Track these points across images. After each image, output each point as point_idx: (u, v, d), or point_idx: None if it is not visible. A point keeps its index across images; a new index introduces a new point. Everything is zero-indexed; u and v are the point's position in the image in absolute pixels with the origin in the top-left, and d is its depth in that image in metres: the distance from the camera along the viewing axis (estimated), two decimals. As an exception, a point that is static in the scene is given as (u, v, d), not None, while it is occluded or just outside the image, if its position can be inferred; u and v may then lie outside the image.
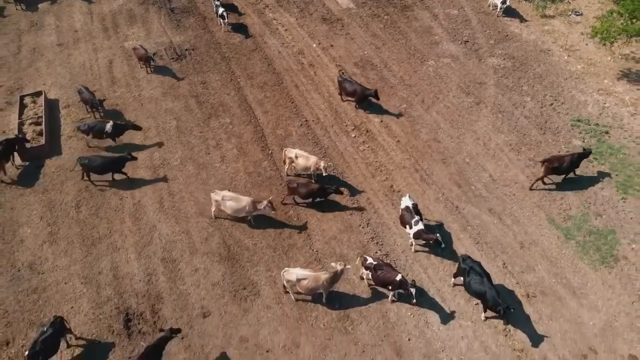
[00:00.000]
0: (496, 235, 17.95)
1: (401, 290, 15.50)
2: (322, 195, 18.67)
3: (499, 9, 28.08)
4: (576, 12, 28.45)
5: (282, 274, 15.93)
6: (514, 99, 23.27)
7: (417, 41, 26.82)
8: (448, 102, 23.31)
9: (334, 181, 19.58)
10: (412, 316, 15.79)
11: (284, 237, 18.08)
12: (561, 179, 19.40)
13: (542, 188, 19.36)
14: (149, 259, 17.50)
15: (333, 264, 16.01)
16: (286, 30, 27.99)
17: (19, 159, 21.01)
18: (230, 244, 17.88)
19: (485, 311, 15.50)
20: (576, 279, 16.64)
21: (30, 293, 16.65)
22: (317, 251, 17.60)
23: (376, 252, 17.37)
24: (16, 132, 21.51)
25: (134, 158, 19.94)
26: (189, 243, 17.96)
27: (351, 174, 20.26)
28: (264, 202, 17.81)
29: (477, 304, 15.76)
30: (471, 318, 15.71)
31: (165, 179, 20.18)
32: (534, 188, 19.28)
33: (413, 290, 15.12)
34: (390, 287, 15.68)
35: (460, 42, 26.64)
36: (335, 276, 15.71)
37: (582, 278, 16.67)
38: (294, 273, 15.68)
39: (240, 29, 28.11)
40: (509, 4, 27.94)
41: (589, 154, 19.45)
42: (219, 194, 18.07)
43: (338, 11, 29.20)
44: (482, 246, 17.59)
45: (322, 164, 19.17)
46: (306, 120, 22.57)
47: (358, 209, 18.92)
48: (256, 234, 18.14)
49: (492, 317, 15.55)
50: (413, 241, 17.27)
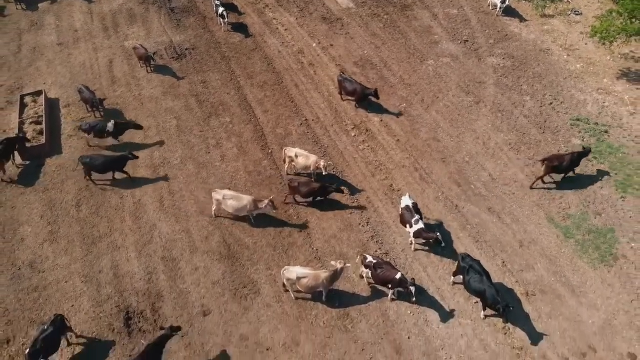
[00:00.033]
0: (496, 234, 17.99)
1: (401, 288, 15.54)
2: (323, 194, 18.71)
3: (498, 9, 28.10)
4: (576, 11, 28.48)
5: (282, 272, 15.97)
6: (513, 98, 23.31)
7: (417, 41, 26.86)
8: (448, 101, 23.35)
9: (334, 180, 19.61)
10: (411, 314, 15.84)
11: (284, 235, 18.12)
12: (561, 178, 19.46)
13: (542, 187, 19.40)
14: (149, 258, 17.54)
15: (333, 262, 16.04)
16: (286, 29, 28.03)
17: (20, 158, 21.06)
18: (230, 243, 17.92)
19: (484, 309, 15.54)
20: (575, 278, 16.69)
21: (31, 292, 16.70)
22: (317, 250, 17.64)
23: (376, 251, 17.41)
24: (17, 132, 21.56)
25: (135, 157, 19.98)
26: (190, 242, 18.00)
27: (351, 173, 20.30)
28: (265, 201, 17.84)
29: (477, 302, 15.80)
30: (471, 316, 15.75)
31: (165, 178, 20.22)
32: (535, 187, 19.32)
33: (413, 289, 15.15)
34: (390, 286, 15.71)
35: (460, 42, 26.68)
36: (335, 275, 15.75)
37: (581, 277, 16.71)
38: (294, 271, 15.71)
39: (240, 28, 28.15)
40: (508, 3, 27.95)
41: (588, 152, 19.51)
42: (220, 193, 18.10)
43: (338, 11, 29.24)
44: (481, 245, 17.64)
45: (322, 163, 19.21)
46: (306, 120, 22.61)
47: (358, 207, 18.96)
48: (256, 233, 18.18)
49: (492, 316, 15.60)
50: (413, 240, 17.32)
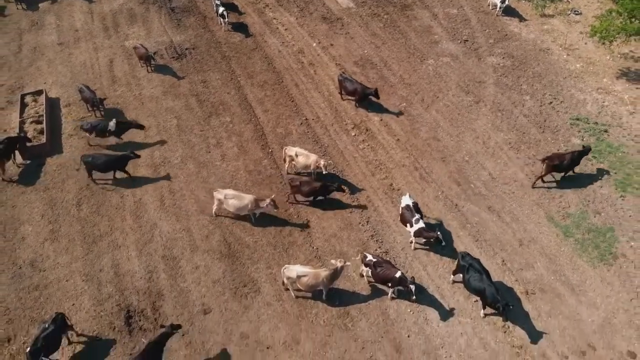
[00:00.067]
0: (495, 233, 18.02)
1: (401, 287, 15.58)
2: (324, 193, 18.74)
3: (498, 9, 28.13)
4: (575, 11, 28.52)
5: (282, 271, 16.01)
6: (513, 97, 23.34)
7: (416, 40, 26.90)
8: (447, 100, 23.39)
9: (334, 179, 19.65)
10: (411, 313, 15.87)
11: (284, 234, 18.16)
12: (560, 177, 19.49)
13: (541, 186, 19.42)
14: (149, 257, 17.58)
15: (333, 261, 16.08)
16: (286, 29, 28.06)
17: (20, 158, 21.09)
18: (230, 242, 17.95)
19: (484, 308, 15.57)
20: (575, 276, 16.73)
21: (31, 290, 16.73)
22: (317, 249, 17.68)
23: (376, 250, 17.45)
24: (17, 131, 21.60)
25: (137, 156, 20.01)
26: (190, 241, 18.04)
27: (351, 172, 20.33)
28: (267, 200, 17.86)
29: (477, 301, 15.83)
30: (470, 315, 15.79)
31: (166, 177, 20.25)
32: (536, 186, 19.35)
33: (412, 287, 15.18)
34: (390, 284, 15.75)
35: (459, 41, 26.71)
36: (335, 273, 15.79)
37: (580, 275, 16.75)
38: (294, 270, 15.75)
39: (240, 28, 28.19)
40: (508, 3, 27.98)
41: (588, 151, 19.56)
42: (222, 193, 18.12)
43: (338, 10, 29.28)
44: (481, 244, 17.67)
45: (322, 162, 19.25)
46: (306, 119, 22.65)
47: (358, 206, 18.99)
48: (256, 232, 18.21)
49: (491, 314, 15.63)
50: (414, 239, 17.35)
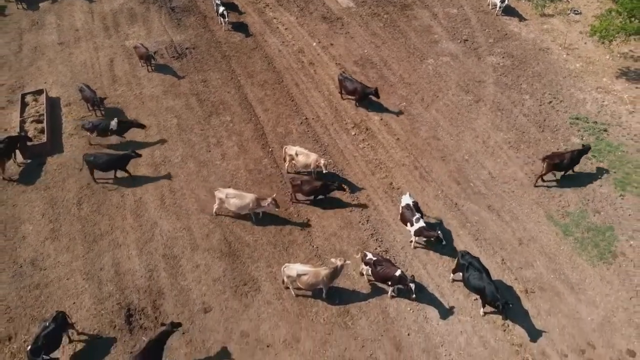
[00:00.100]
0: (495, 232, 18.06)
1: (400, 285, 15.61)
2: (325, 192, 18.78)
3: (498, 8, 28.18)
4: (575, 10, 28.57)
5: (282, 269, 16.05)
6: (513, 97, 23.38)
7: (416, 40, 26.94)
8: (447, 100, 23.43)
9: (334, 178, 19.67)
10: (411, 311, 15.91)
11: (284, 233, 18.19)
12: (560, 176, 19.53)
13: (541, 185, 19.45)
14: (150, 255, 17.62)
15: (333, 259, 16.13)
16: (286, 29, 28.11)
17: (21, 157, 21.12)
18: (231, 241, 17.99)
19: (484, 306, 15.62)
20: (574, 275, 16.77)
21: (32, 289, 16.77)
22: (317, 247, 17.71)
23: (376, 249, 17.48)
24: (18, 130, 21.63)
25: (138, 155, 20.04)
26: (190, 239, 18.08)
27: (351, 171, 20.37)
28: (268, 199, 17.90)
29: (476, 299, 15.88)
30: (470, 313, 15.83)
31: (166, 176, 20.29)
32: (538, 185, 19.37)
33: (412, 286, 15.22)
34: (390, 283, 15.79)
35: (459, 41, 26.76)
36: (335, 272, 15.83)
37: (580, 274, 16.79)
38: (294, 269, 15.79)
39: (240, 27, 28.23)
40: (508, 3, 28.04)
41: (588, 150, 19.61)
42: (223, 192, 18.15)
43: (338, 10, 29.32)
44: (481, 242, 17.71)
45: (322, 162, 19.28)
46: (306, 118, 22.69)
47: (358, 206, 19.03)
48: (257, 231, 18.25)
49: (491, 313, 15.66)
50: (414, 239, 17.38)
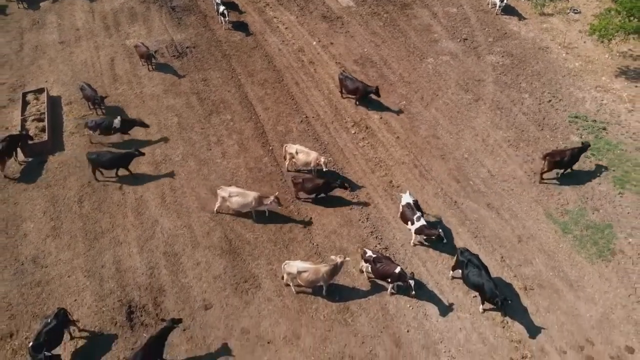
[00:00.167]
0: (494, 230, 18.14)
1: (400, 282, 15.69)
2: (327, 190, 18.85)
3: (497, 7, 28.25)
4: (574, 10, 28.64)
5: (282, 266, 16.14)
6: (512, 95, 23.46)
7: (416, 39, 27.01)
8: (447, 99, 23.51)
9: (334, 177, 19.74)
10: (411, 308, 15.98)
11: (284, 231, 18.27)
12: (559, 173, 19.60)
13: (540, 182, 19.52)
14: (151, 253, 17.70)
15: (333, 257, 16.19)
16: (286, 28, 28.19)
17: (22, 155, 21.20)
18: (231, 238, 18.07)
19: (483, 303, 15.70)
20: (573, 272, 16.84)
21: (33, 286, 16.85)
22: (317, 245, 17.79)
23: (375, 246, 17.55)
24: (19, 129, 21.72)
25: (141, 154, 20.12)
26: (191, 237, 18.16)
27: (351, 169, 20.45)
28: (271, 198, 17.96)
29: (475, 296, 15.95)
30: (469, 310, 15.90)
31: (167, 175, 20.36)
32: (542, 182, 19.40)
33: (412, 283, 15.29)
34: (390, 280, 15.86)
35: (459, 40, 26.83)
36: (335, 269, 15.90)
37: (579, 271, 16.87)
38: (294, 266, 15.87)
39: (240, 27, 28.30)
40: (507, 2, 28.12)
41: (587, 147, 19.68)
42: (226, 190, 18.19)
43: (338, 9, 29.40)
44: (480, 240, 17.78)
45: (323, 160, 19.34)
46: (306, 117, 22.77)
47: (358, 203, 19.11)
48: (257, 228, 18.33)
49: (490, 309, 15.75)
50: (414, 237, 17.44)
